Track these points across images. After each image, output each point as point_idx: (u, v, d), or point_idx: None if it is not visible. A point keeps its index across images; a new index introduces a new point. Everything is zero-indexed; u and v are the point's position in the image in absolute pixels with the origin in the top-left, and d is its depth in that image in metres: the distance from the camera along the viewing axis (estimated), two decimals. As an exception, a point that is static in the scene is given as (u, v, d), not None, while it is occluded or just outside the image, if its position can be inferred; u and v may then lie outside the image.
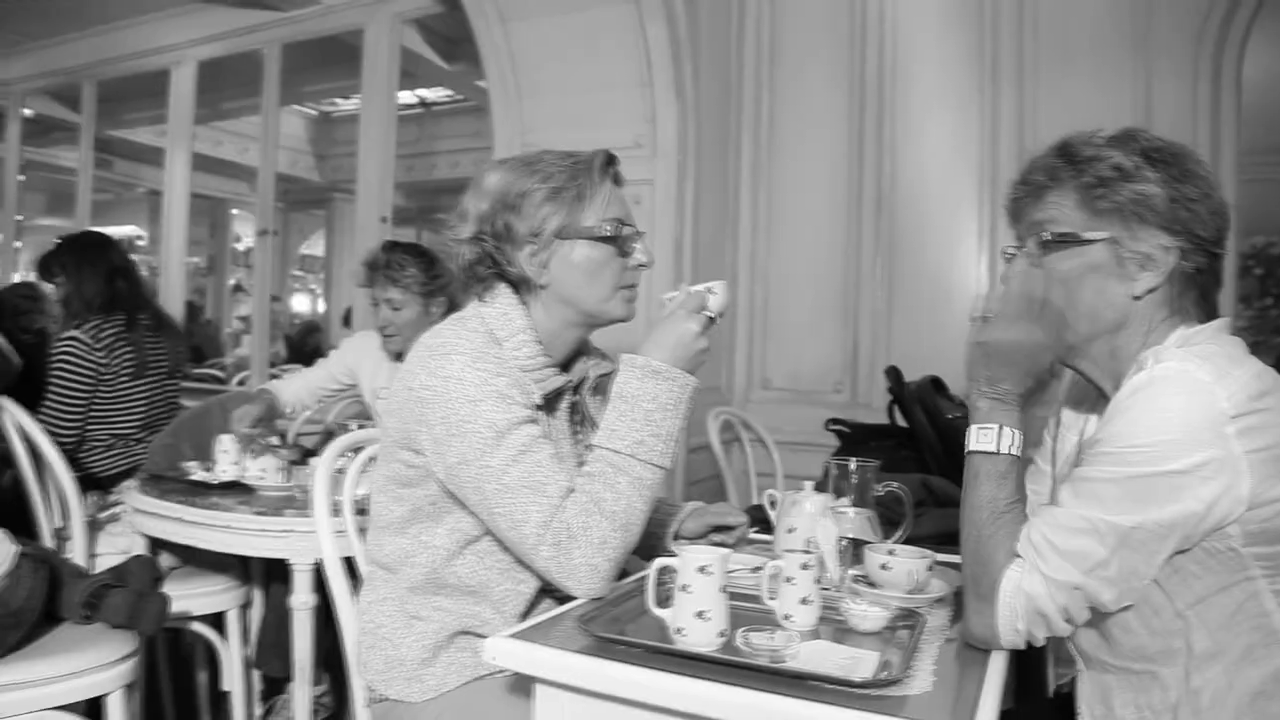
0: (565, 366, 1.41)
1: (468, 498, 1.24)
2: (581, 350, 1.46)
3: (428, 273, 2.54)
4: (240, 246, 9.78)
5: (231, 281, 9.61)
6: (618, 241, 1.34)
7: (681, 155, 2.97)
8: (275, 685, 2.54)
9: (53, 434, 2.38)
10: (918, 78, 3.26)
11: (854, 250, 3.31)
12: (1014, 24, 3.04)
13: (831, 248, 3.35)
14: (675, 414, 1.26)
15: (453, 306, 2.54)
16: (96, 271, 2.82)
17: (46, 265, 2.90)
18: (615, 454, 1.23)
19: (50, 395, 2.65)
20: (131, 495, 2.16)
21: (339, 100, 7.95)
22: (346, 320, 5.58)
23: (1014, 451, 1.11)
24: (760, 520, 1.71)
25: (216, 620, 2.37)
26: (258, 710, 2.53)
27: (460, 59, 5.06)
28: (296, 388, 2.68)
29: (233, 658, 2.40)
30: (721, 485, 3.08)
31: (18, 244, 6.12)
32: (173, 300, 4.75)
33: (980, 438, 1.12)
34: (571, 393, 1.42)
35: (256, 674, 2.55)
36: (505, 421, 1.21)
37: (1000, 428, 1.11)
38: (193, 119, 4.94)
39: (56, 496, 2.35)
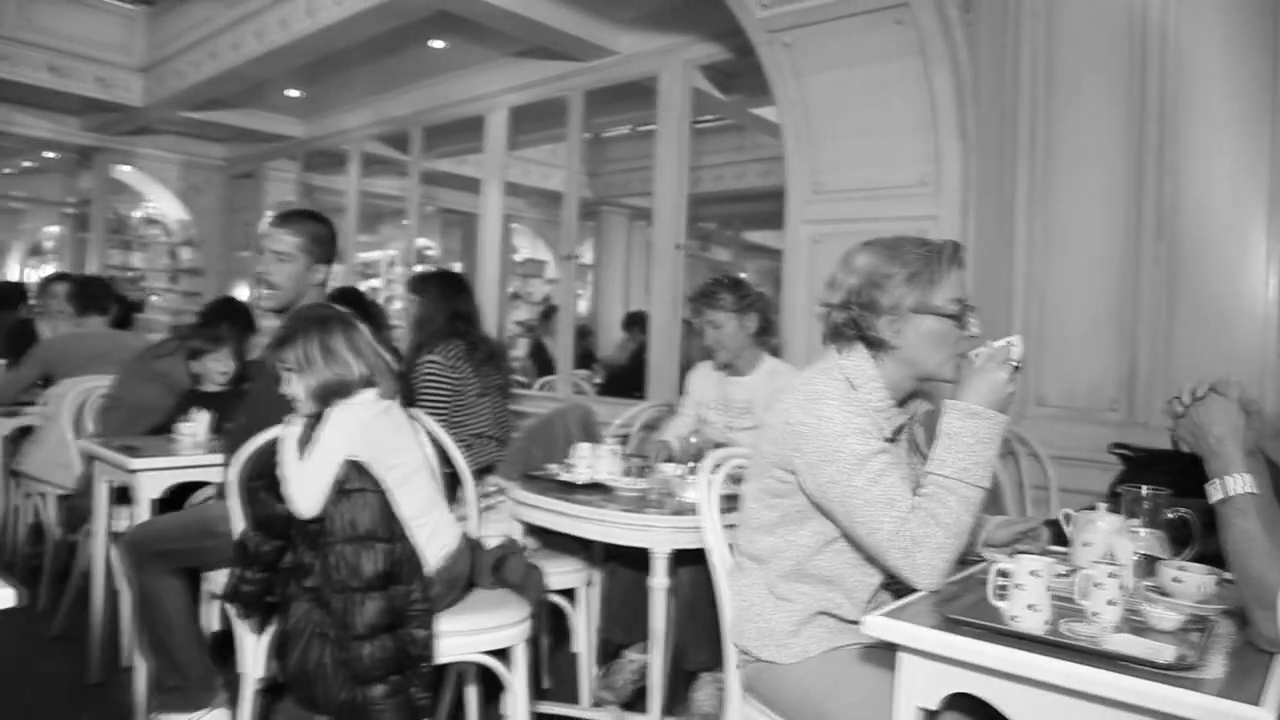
0: (900, 406, 1.77)
1: (833, 510, 1.63)
2: (914, 394, 1.81)
3: (737, 294, 3.05)
4: (516, 258, 10.77)
5: (510, 290, 10.62)
6: (959, 318, 1.68)
7: (964, 192, 3.23)
8: (612, 650, 3.07)
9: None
10: (1201, 99, 3.30)
11: (1131, 272, 3.39)
12: (1307, 45, 3.04)
13: (1107, 269, 3.44)
14: (991, 446, 1.59)
15: (764, 320, 3.02)
16: (448, 306, 3.46)
17: (417, 286, 3.59)
18: (945, 479, 1.57)
19: (422, 403, 3.31)
20: (513, 490, 2.72)
21: (611, 120, 8.67)
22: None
23: (1247, 490, 1.36)
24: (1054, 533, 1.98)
25: (567, 594, 2.93)
26: (596, 670, 3.06)
27: (736, 90, 5.49)
28: (679, 431, 3.22)
29: (580, 625, 2.95)
30: (997, 497, 3.30)
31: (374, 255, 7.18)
32: (487, 310, 5.48)
33: (1216, 490, 1.39)
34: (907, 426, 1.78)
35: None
36: (866, 451, 1.59)
37: (1229, 477, 1.37)
38: (505, 155, 5.69)
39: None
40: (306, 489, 2.09)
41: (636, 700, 2.81)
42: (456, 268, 10.75)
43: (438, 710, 2.64)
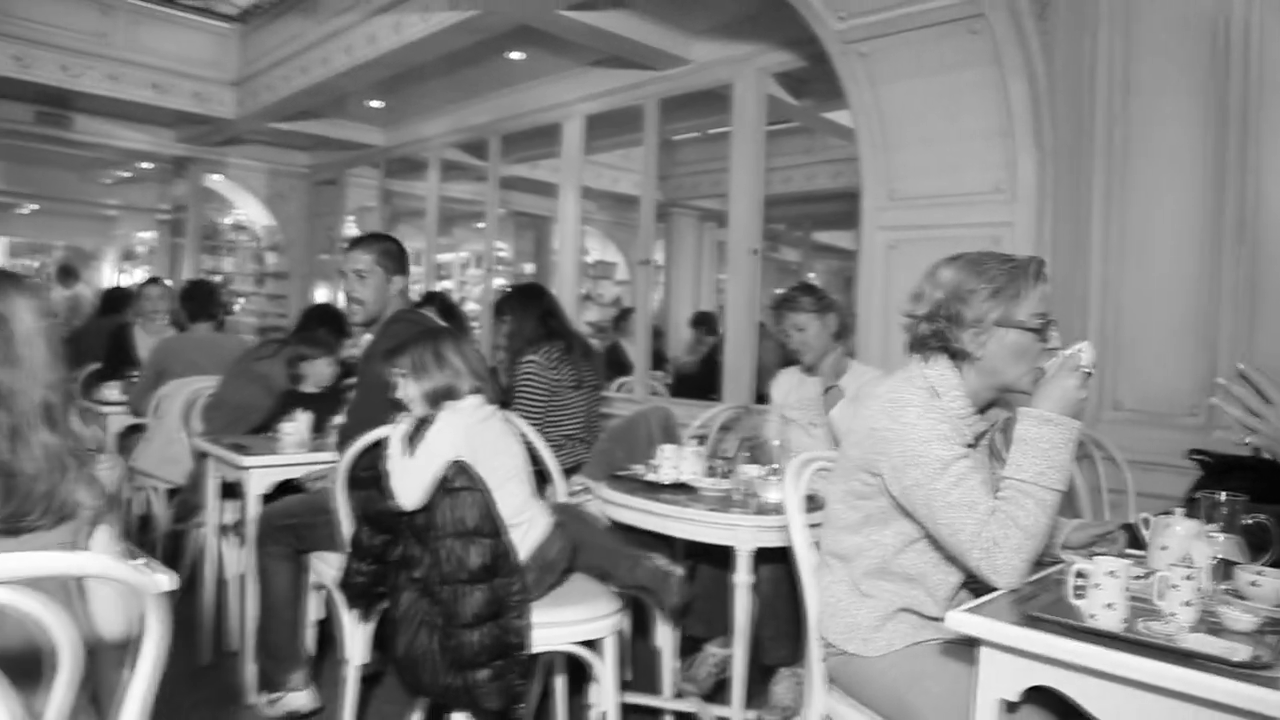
0: (980, 413, 1.85)
1: (916, 511, 1.71)
2: (993, 403, 1.89)
3: (815, 297, 3.18)
4: (587, 260, 10.94)
5: (582, 291, 10.80)
6: (1041, 331, 1.75)
7: (1039, 198, 3.26)
8: (693, 643, 3.18)
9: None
10: (1285, 101, 3.29)
11: (1211, 276, 3.38)
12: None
13: (1186, 274, 3.43)
14: (1064, 450, 1.66)
15: (842, 321, 3.12)
16: (534, 313, 3.64)
17: (499, 308, 3.77)
18: (1022, 483, 1.65)
19: (517, 406, 3.46)
20: (601, 489, 2.85)
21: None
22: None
23: None
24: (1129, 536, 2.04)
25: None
26: (678, 663, 3.17)
27: (808, 94, 5.56)
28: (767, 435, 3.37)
29: (662, 620, 3.06)
30: (1074, 501, 3.33)
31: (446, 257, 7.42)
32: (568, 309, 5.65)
33: None
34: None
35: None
36: (949, 456, 1.67)
37: None
38: (582, 162, 5.84)
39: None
40: (410, 484, 2.24)
41: (716, 692, 2.92)
42: (528, 269, 10.98)
43: (527, 699, 2.78)
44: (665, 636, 3.05)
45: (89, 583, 1.37)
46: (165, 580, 1.39)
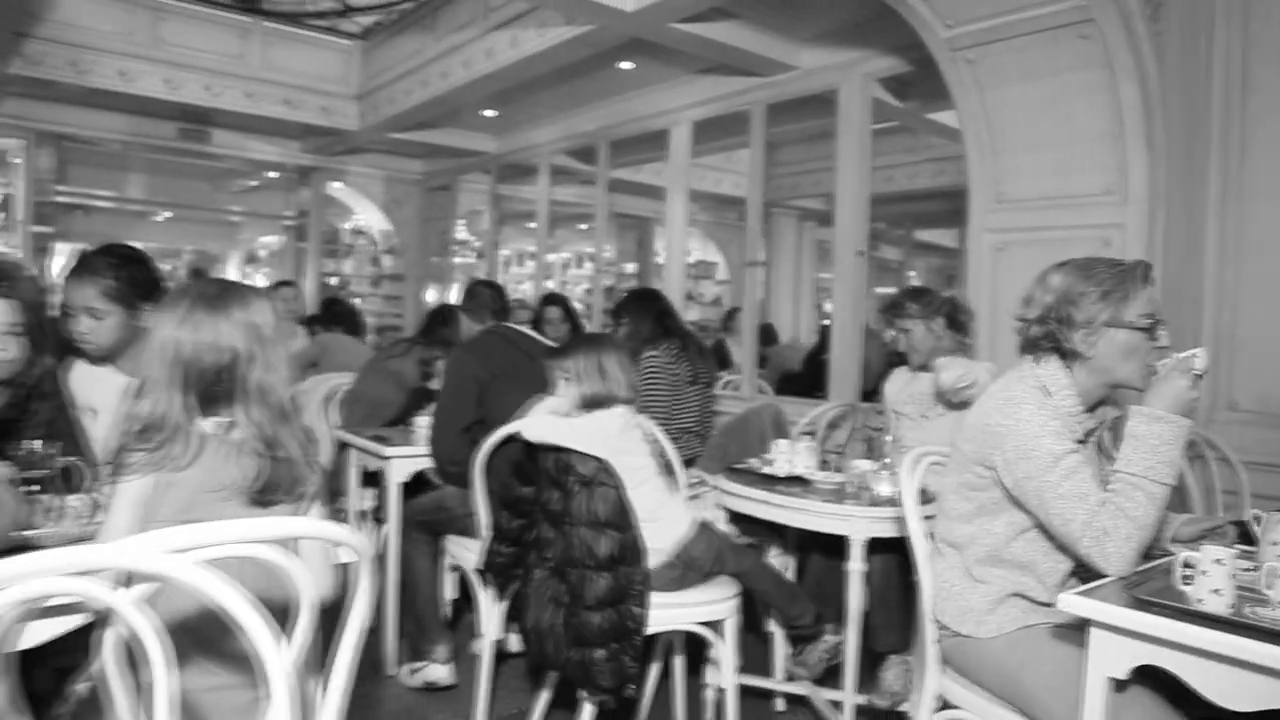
0: (1089, 411, 1.95)
1: (1028, 502, 1.83)
2: (1103, 401, 1.98)
3: (922, 302, 3.28)
4: (659, 260, 11.11)
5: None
6: (1150, 330, 1.85)
7: (1151, 200, 3.29)
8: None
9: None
10: None
11: (1333, 276, 3.35)
12: None
13: (1306, 274, 3.41)
14: (1174, 447, 1.76)
15: (952, 320, 3.21)
16: (650, 314, 3.84)
17: (617, 311, 3.98)
18: (1133, 476, 1.75)
19: (643, 402, 3.65)
20: (720, 481, 3.02)
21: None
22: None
23: None
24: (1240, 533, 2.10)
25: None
26: (789, 648, 3.31)
27: (912, 96, 5.60)
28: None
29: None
30: (1184, 499, 3.34)
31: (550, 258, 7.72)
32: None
33: None
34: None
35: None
36: (1061, 450, 1.78)
37: None
38: (688, 166, 6.02)
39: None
40: (547, 431, 2.45)
41: (826, 677, 3.05)
42: (629, 268, 11.21)
43: (642, 681, 2.95)
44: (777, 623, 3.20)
45: (302, 547, 1.60)
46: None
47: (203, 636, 1.51)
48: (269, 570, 1.23)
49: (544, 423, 2.49)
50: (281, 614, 1.42)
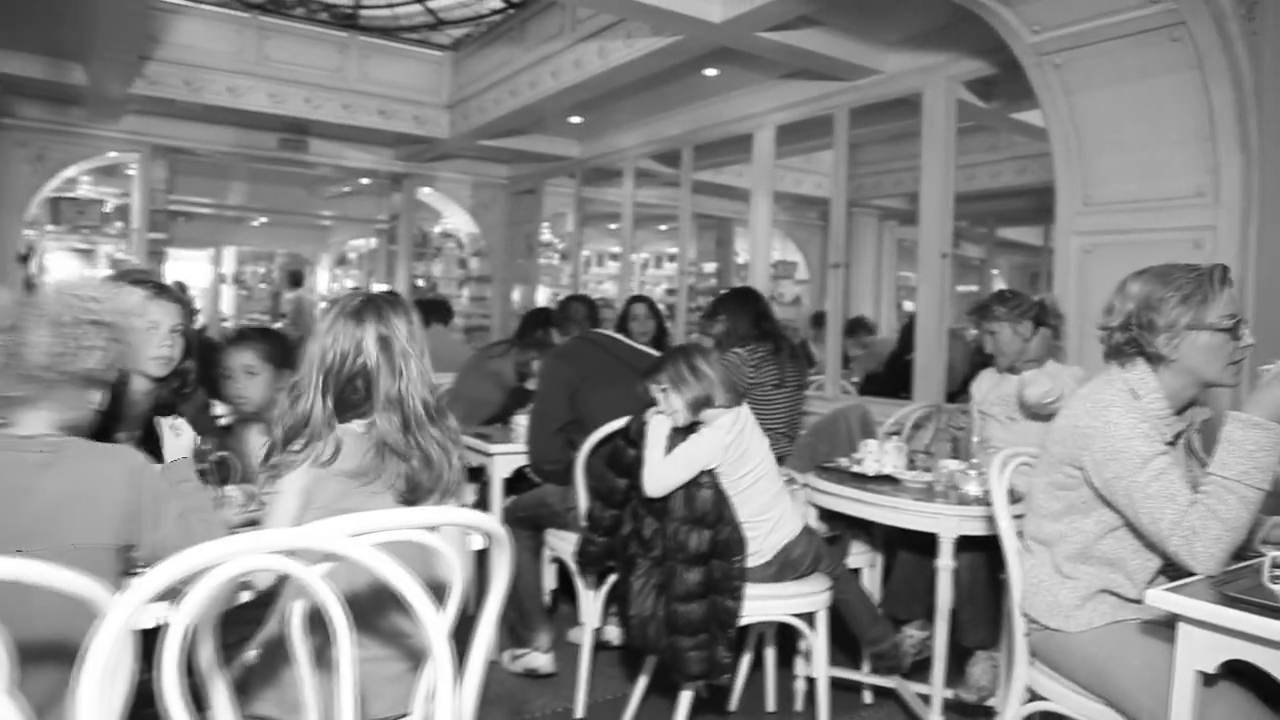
0: (1179, 413, 2.02)
1: (1118, 501, 1.90)
2: (1192, 402, 2.04)
3: (1009, 306, 3.33)
4: (740, 260, 11.17)
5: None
6: (1232, 330, 1.91)
7: (1245, 202, 3.28)
8: (893, 625, 3.40)
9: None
10: None
11: None
12: None
13: None
14: (1270, 454, 1.81)
15: (1040, 323, 3.28)
16: (748, 314, 3.95)
17: (714, 308, 4.10)
18: (1226, 479, 1.81)
19: None
20: (810, 479, 3.12)
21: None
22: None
23: None
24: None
25: (853, 574, 3.29)
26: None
27: (996, 96, 5.61)
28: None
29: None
30: (1278, 502, 3.32)
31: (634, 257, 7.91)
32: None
33: None
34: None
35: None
36: (1150, 452, 1.86)
37: None
38: (772, 169, 6.11)
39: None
40: (662, 481, 2.57)
41: (914, 671, 3.13)
42: (707, 268, 11.32)
43: (733, 672, 3.07)
44: (865, 618, 3.29)
45: (443, 533, 1.77)
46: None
47: (357, 612, 1.69)
48: (422, 553, 1.40)
49: (666, 472, 2.58)
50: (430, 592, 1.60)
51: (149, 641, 1.17)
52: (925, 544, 2.88)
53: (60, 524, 1.46)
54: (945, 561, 2.70)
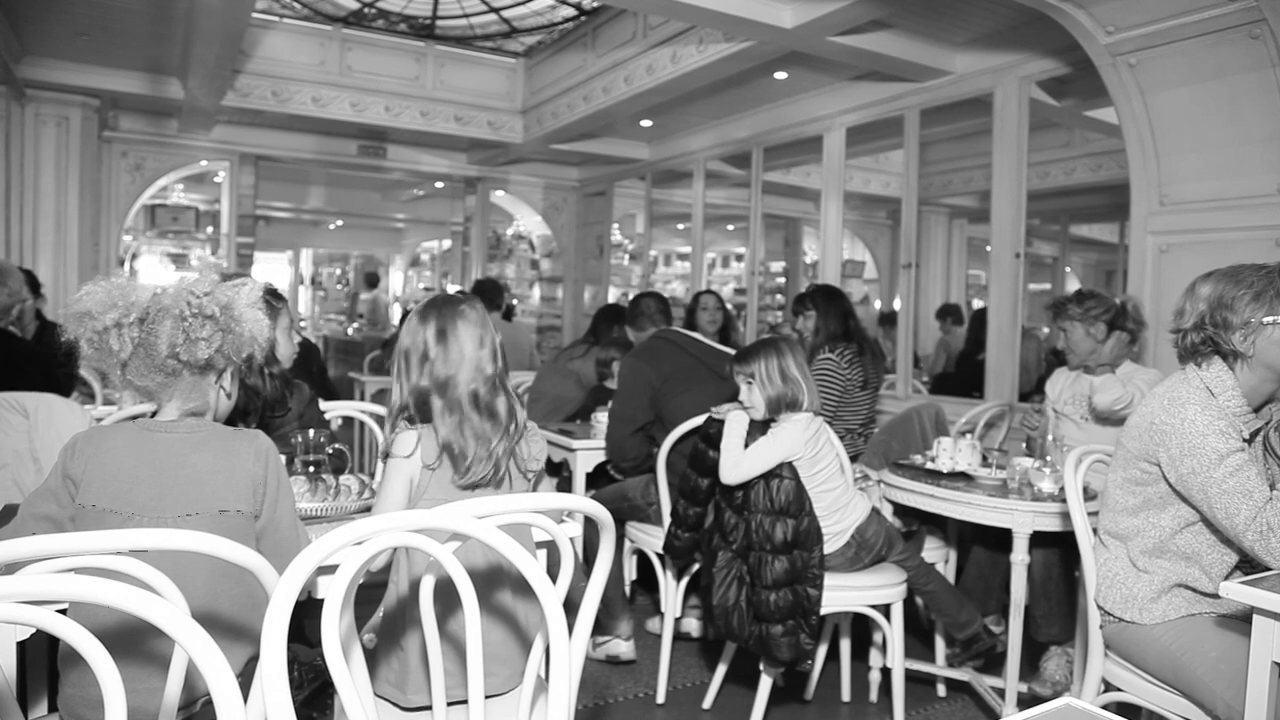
0: (1256, 410, 2.06)
1: (1193, 497, 1.96)
2: (1270, 399, 2.09)
3: (1083, 307, 3.36)
4: (807, 259, 11.19)
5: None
6: None
7: (1326, 200, 3.27)
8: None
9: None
10: None
11: None
12: None
13: None
14: None
15: (1116, 326, 3.30)
16: (837, 313, 4.04)
17: (801, 302, 4.18)
18: (1301, 475, 1.86)
19: None
20: (885, 476, 3.20)
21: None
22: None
23: None
24: None
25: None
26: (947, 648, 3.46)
27: (1069, 95, 5.58)
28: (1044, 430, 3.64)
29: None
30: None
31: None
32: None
33: None
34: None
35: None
36: (1225, 449, 1.91)
37: None
38: (842, 170, 6.17)
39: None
40: (740, 471, 2.68)
41: (988, 665, 3.19)
42: (774, 267, 11.37)
43: (814, 656, 3.17)
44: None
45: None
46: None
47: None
48: (521, 535, 1.54)
49: (742, 462, 2.68)
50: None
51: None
52: (999, 540, 2.95)
53: (208, 493, 1.63)
54: (1020, 556, 2.76)
